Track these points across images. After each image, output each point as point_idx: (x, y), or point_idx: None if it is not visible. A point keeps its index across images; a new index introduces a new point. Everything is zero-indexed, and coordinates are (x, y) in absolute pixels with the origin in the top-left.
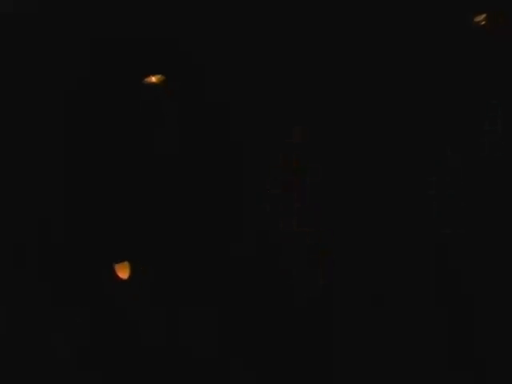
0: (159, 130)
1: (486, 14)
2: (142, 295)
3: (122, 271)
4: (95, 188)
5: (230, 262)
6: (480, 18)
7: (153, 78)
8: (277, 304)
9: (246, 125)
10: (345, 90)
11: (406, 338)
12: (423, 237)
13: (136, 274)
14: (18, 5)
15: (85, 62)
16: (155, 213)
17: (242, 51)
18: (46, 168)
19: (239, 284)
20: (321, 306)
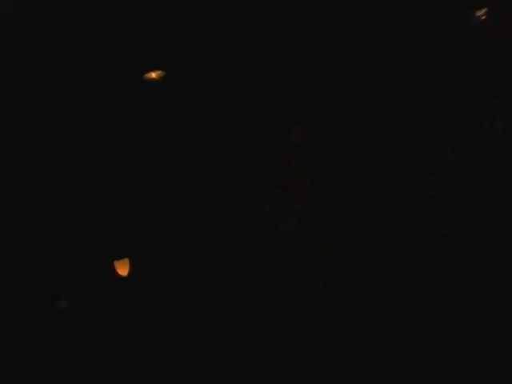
0: (159, 130)
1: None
2: (142, 295)
3: (122, 268)
4: (95, 188)
5: (230, 261)
6: (481, 13)
7: (153, 74)
8: (277, 304)
9: (246, 125)
10: (345, 90)
11: (406, 337)
12: (423, 237)
13: (136, 274)
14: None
15: (85, 61)
16: (155, 213)
17: (242, 51)
18: (46, 168)
19: (239, 284)
20: (321, 305)
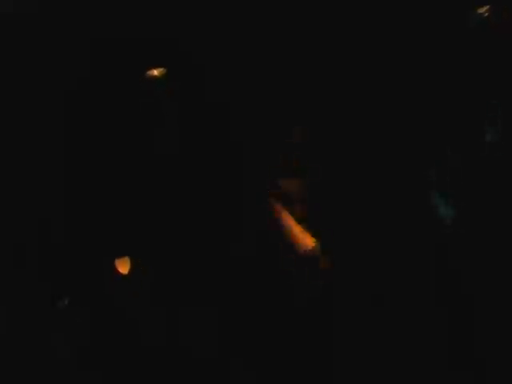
0: (159, 130)
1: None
2: (142, 295)
3: (122, 266)
4: (95, 188)
5: (230, 261)
6: (483, 10)
7: (155, 72)
8: (277, 304)
9: (246, 125)
10: (345, 90)
11: (406, 337)
12: (423, 237)
13: (136, 274)
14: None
15: (85, 62)
16: (155, 213)
17: (243, 51)
18: (46, 168)
19: (239, 284)
20: (321, 305)
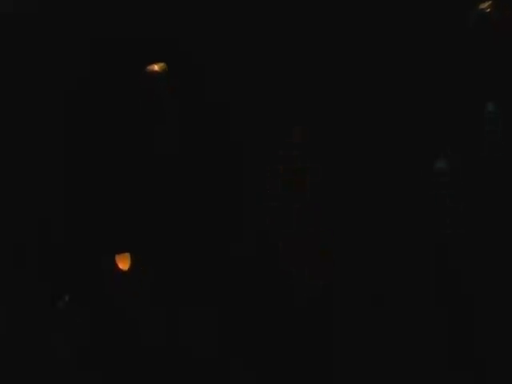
0: (160, 129)
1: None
2: (142, 295)
3: (123, 262)
4: (95, 188)
5: (230, 261)
6: (485, 5)
7: (155, 67)
8: (277, 304)
9: (246, 125)
10: (345, 90)
11: (406, 337)
12: (423, 237)
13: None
14: (17, 5)
15: (85, 61)
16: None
17: (243, 51)
18: (46, 167)
19: (239, 284)
20: (321, 306)
